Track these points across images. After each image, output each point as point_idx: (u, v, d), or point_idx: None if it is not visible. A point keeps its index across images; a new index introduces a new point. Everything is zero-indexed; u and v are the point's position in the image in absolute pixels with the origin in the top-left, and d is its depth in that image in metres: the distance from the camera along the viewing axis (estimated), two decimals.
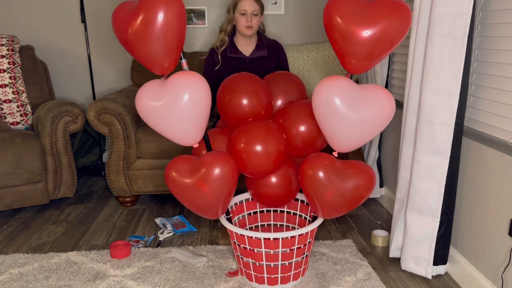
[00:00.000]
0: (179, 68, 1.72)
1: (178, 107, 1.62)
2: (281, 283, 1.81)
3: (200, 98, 1.65)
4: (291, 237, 1.71)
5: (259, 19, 2.34)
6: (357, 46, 1.51)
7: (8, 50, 2.74)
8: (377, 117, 1.59)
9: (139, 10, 1.54)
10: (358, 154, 2.63)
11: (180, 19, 1.58)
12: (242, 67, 2.37)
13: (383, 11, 1.48)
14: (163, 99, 1.62)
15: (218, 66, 2.39)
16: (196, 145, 1.79)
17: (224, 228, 2.24)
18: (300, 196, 2.00)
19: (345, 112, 1.56)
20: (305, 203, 1.99)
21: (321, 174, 1.66)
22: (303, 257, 1.81)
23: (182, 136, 1.72)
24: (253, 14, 2.30)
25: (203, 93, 1.65)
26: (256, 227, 2.13)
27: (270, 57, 2.44)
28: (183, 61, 1.75)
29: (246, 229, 2.07)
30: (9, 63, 2.73)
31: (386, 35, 1.48)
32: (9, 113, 2.76)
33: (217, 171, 1.66)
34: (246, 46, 2.42)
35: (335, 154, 1.76)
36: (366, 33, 1.48)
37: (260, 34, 2.44)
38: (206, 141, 1.85)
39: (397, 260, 2.03)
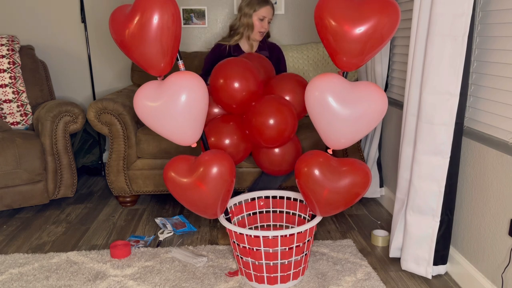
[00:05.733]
0: (175, 68, 1.73)
1: (175, 107, 1.63)
2: (281, 282, 1.81)
3: (197, 98, 1.66)
4: (290, 235, 1.72)
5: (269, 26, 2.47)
6: (348, 44, 1.52)
7: (8, 50, 2.74)
8: (369, 114, 1.60)
9: (135, 13, 1.56)
10: (358, 153, 2.63)
11: (175, 21, 1.60)
12: None
13: (373, 9, 1.49)
14: (160, 99, 1.63)
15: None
16: (194, 145, 1.79)
17: (224, 228, 2.24)
18: (299, 196, 2.01)
19: (338, 109, 1.58)
20: (304, 203, 1.99)
21: (316, 171, 1.67)
22: (303, 256, 1.81)
23: (180, 136, 1.73)
24: (268, 22, 2.42)
25: (200, 93, 1.67)
26: (256, 227, 2.13)
27: (271, 57, 2.50)
28: (180, 63, 1.76)
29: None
30: (9, 63, 2.73)
31: (377, 32, 1.50)
32: (9, 113, 2.76)
33: (214, 170, 1.67)
34: (249, 47, 2.49)
35: (330, 151, 1.77)
36: (358, 30, 1.49)
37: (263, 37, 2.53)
38: (203, 140, 1.86)
39: (397, 260, 2.03)
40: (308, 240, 1.80)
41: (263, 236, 1.72)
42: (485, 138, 1.69)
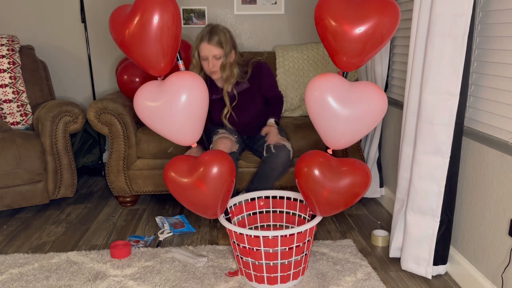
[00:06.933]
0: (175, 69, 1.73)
1: (175, 107, 1.63)
2: (281, 282, 1.81)
3: (197, 98, 1.66)
4: (290, 235, 1.71)
5: (222, 62, 2.18)
6: (348, 44, 1.52)
7: (8, 50, 2.74)
8: (369, 114, 1.60)
9: (135, 13, 1.56)
10: (358, 153, 2.63)
11: (175, 21, 1.60)
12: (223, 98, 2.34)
13: (373, 9, 1.50)
14: (161, 99, 1.63)
15: None
16: (194, 145, 1.79)
17: (224, 228, 2.24)
18: (299, 196, 2.00)
19: (338, 109, 1.58)
20: (304, 203, 1.99)
21: (316, 171, 1.67)
22: (303, 256, 1.81)
23: (180, 136, 1.73)
24: (215, 58, 2.17)
25: (200, 93, 1.67)
26: (256, 227, 2.13)
27: (253, 84, 2.34)
28: (180, 63, 1.76)
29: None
30: (9, 63, 2.73)
31: (377, 32, 1.50)
32: (9, 113, 2.76)
33: (214, 170, 1.67)
34: (226, 83, 2.28)
35: (329, 151, 1.77)
36: (358, 30, 1.49)
37: (238, 65, 2.30)
38: (203, 140, 1.86)
39: (397, 260, 2.03)
40: (308, 240, 1.80)
41: (263, 236, 1.72)
42: (485, 138, 1.69)
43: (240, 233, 1.74)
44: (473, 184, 1.78)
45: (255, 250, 1.74)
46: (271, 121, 2.41)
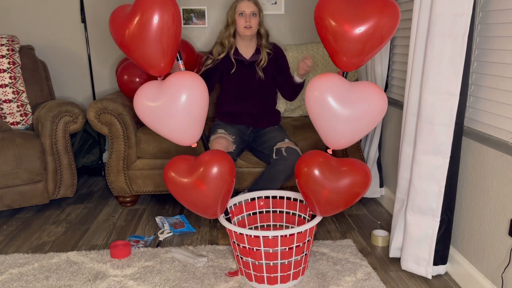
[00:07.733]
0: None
1: (175, 107, 1.63)
2: (281, 282, 1.81)
3: (197, 98, 1.66)
4: (290, 235, 1.72)
5: (258, 20, 2.37)
6: (348, 44, 1.52)
7: (8, 50, 2.74)
8: (369, 114, 1.60)
9: (135, 13, 1.57)
10: (358, 154, 2.63)
11: (175, 21, 1.60)
12: (241, 69, 2.39)
13: (373, 9, 1.50)
14: (161, 99, 1.63)
15: (213, 65, 2.42)
16: (194, 145, 1.79)
17: (224, 228, 2.24)
18: (299, 196, 2.01)
19: (338, 109, 1.58)
20: (304, 203, 1.99)
21: (316, 171, 1.67)
22: (303, 256, 1.81)
23: (180, 136, 1.73)
24: (252, 15, 2.33)
25: (200, 93, 1.67)
26: (256, 227, 2.13)
27: (269, 60, 2.45)
28: (180, 63, 1.76)
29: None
30: (9, 63, 2.73)
31: (377, 32, 1.50)
32: (9, 113, 2.76)
33: (215, 170, 1.67)
34: (246, 49, 2.44)
35: (329, 151, 1.77)
36: (358, 30, 1.49)
37: (260, 37, 2.46)
38: (203, 140, 1.86)
39: (397, 260, 2.03)
40: (308, 240, 1.80)
41: (263, 236, 1.72)
42: (485, 138, 1.69)
43: (240, 233, 1.74)
44: (473, 184, 1.78)
45: (255, 250, 1.74)
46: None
